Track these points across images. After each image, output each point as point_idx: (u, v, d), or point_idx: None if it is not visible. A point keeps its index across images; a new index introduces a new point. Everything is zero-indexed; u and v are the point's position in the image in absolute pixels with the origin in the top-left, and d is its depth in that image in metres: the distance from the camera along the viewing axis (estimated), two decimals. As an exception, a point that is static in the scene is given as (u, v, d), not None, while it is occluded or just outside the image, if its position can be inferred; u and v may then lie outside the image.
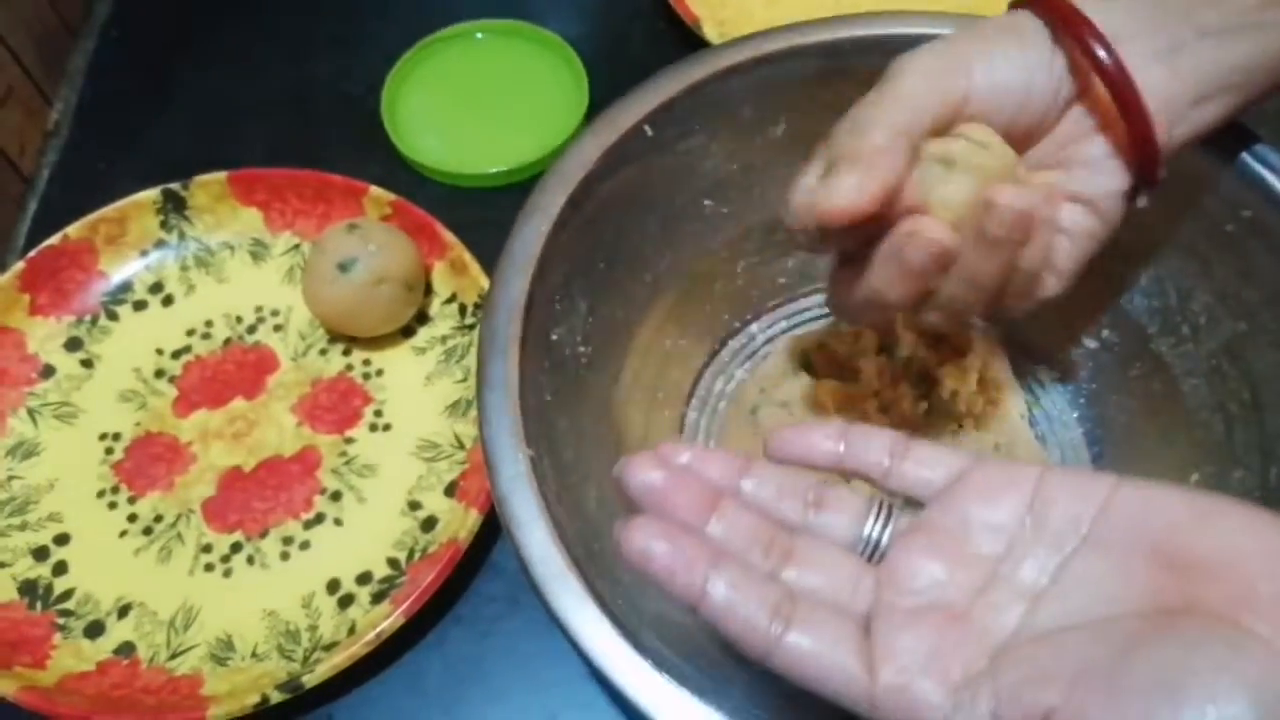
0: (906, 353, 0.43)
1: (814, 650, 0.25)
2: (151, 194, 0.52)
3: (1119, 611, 0.24)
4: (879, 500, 0.28)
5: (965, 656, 0.24)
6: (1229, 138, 0.36)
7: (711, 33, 0.58)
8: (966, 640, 0.25)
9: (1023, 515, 0.26)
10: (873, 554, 0.27)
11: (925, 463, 0.28)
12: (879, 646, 0.25)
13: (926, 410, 0.43)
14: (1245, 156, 0.37)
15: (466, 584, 0.44)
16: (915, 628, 0.25)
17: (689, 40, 0.58)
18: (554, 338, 0.38)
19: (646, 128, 0.40)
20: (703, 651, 0.35)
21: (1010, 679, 0.23)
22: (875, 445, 0.29)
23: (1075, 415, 0.45)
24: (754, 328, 0.48)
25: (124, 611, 0.44)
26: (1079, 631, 0.24)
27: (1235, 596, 0.22)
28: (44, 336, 0.50)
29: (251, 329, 0.51)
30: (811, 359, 0.45)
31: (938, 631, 0.25)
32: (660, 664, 0.30)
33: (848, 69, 0.42)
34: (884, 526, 0.28)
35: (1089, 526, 0.25)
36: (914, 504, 0.28)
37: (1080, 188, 0.33)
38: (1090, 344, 0.45)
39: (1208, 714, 0.21)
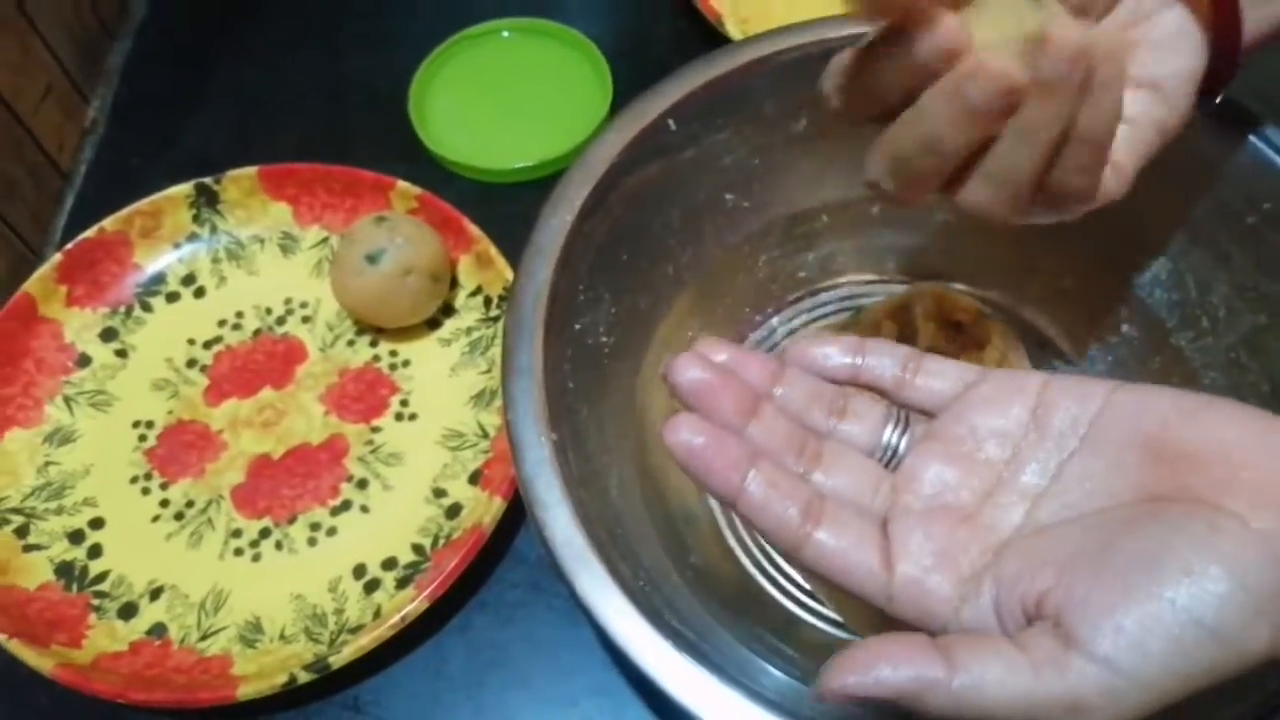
0: (925, 344, 0.43)
1: (839, 547, 0.26)
2: (184, 188, 0.53)
3: (1112, 503, 0.25)
4: (896, 410, 0.29)
5: (972, 553, 0.26)
6: (1249, 129, 0.36)
7: (733, 29, 0.58)
8: (974, 538, 0.26)
9: (1027, 421, 0.27)
10: (891, 460, 0.29)
11: (936, 375, 0.29)
12: (896, 544, 0.26)
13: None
14: (1265, 148, 0.37)
15: (490, 571, 0.45)
16: (928, 527, 0.27)
17: (711, 37, 0.59)
18: (577, 328, 0.39)
19: (670, 122, 0.40)
20: (721, 634, 0.36)
21: (1009, 569, 0.25)
22: (889, 360, 0.30)
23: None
24: (775, 321, 0.48)
25: (156, 594, 0.45)
26: (1073, 524, 0.25)
27: (1218, 482, 0.24)
28: (80, 327, 0.52)
29: (281, 320, 0.52)
30: None
31: (948, 530, 0.26)
32: (681, 645, 0.30)
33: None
34: (901, 434, 0.29)
35: (1087, 428, 0.26)
36: (928, 415, 0.29)
37: (1150, 70, 0.31)
38: (1110, 338, 0.45)
39: (1181, 585, 0.22)
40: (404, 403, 0.50)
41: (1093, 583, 0.23)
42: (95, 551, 0.46)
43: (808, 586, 0.42)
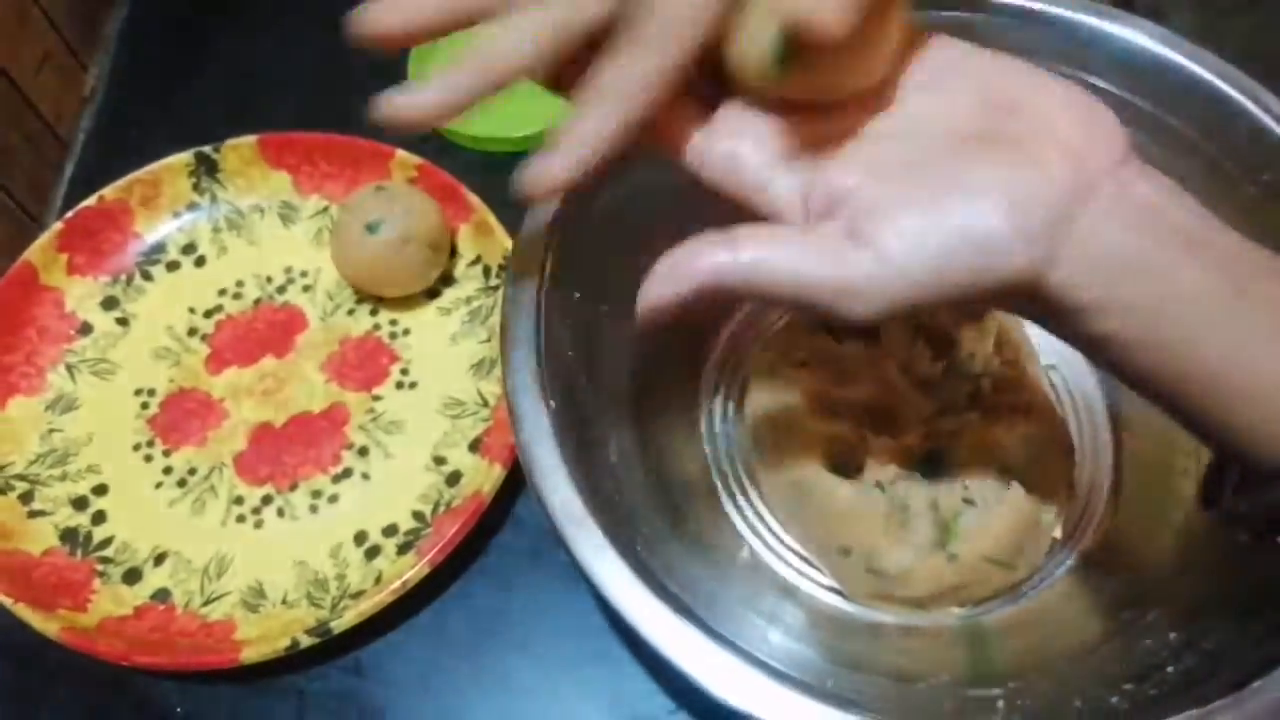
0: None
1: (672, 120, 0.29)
2: (184, 157, 0.53)
3: (937, 131, 0.27)
4: None
5: (795, 139, 0.28)
6: (1246, 100, 0.36)
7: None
8: (806, 132, 0.28)
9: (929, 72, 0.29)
10: None
11: None
12: (723, 124, 0.29)
13: (945, 370, 0.44)
14: (1264, 116, 0.37)
15: (490, 537, 0.46)
16: (766, 119, 0.28)
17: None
18: (577, 296, 0.39)
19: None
20: (719, 599, 0.36)
21: (824, 158, 0.27)
22: None
23: (1095, 378, 0.45)
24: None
25: (160, 559, 0.45)
26: (897, 140, 0.27)
27: (1035, 131, 0.26)
28: (81, 295, 0.52)
29: (281, 289, 0.52)
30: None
31: (785, 124, 0.28)
32: (679, 610, 0.31)
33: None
34: None
35: (941, 72, 0.28)
36: None
37: None
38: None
39: (965, 202, 0.25)
40: (404, 371, 0.50)
41: (891, 191, 0.26)
42: (99, 518, 0.46)
43: (806, 554, 0.42)
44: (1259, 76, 0.38)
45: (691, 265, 0.26)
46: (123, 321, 0.52)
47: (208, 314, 0.52)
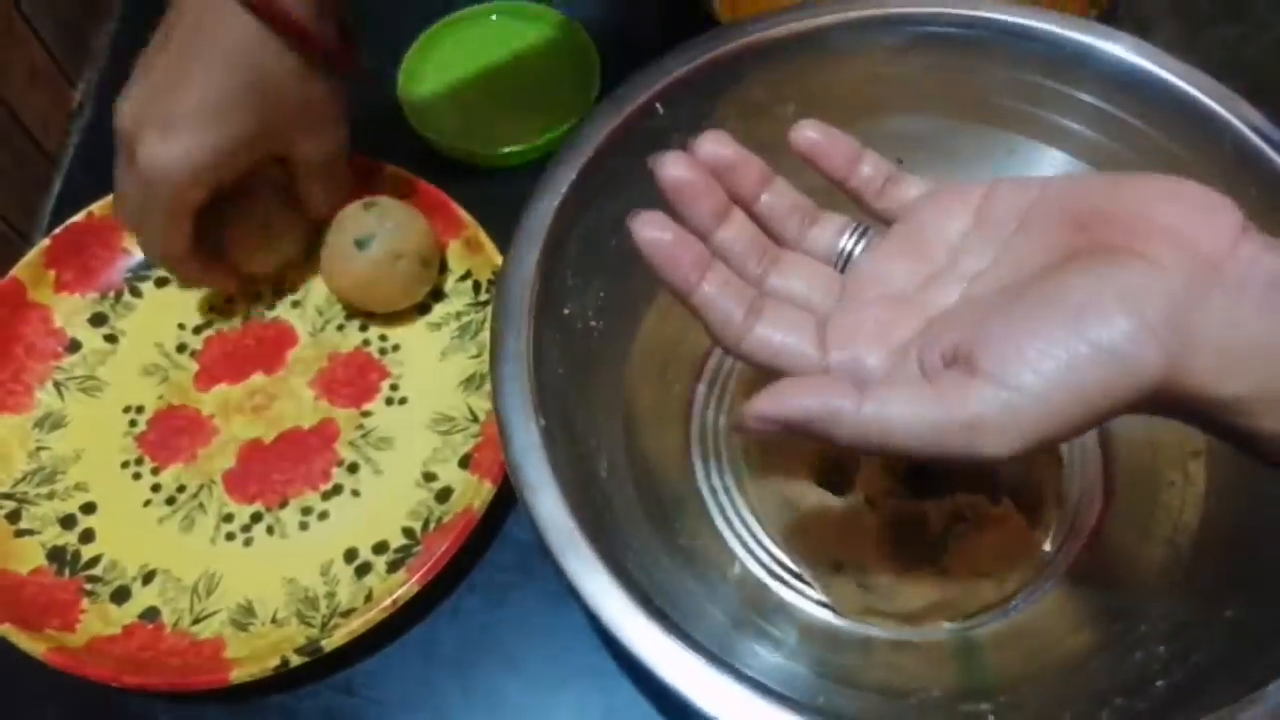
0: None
1: (774, 337, 0.28)
2: (173, 172, 0.53)
3: (1034, 265, 0.26)
4: (857, 221, 0.31)
5: (904, 328, 0.28)
6: (1230, 116, 0.36)
7: (722, 12, 0.58)
8: (909, 316, 0.28)
9: (971, 218, 0.29)
10: (845, 265, 0.31)
11: (909, 186, 0.31)
12: (831, 329, 0.28)
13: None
14: (1250, 135, 0.37)
15: (480, 554, 0.45)
16: (864, 311, 0.28)
17: (700, 20, 0.59)
18: (566, 312, 0.39)
19: (658, 106, 0.40)
20: (710, 617, 0.36)
21: (932, 332, 0.27)
22: (879, 166, 0.31)
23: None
24: (763, 305, 0.48)
25: (149, 578, 0.45)
26: (997, 291, 0.27)
27: (1132, 231, 0.25)
28: (69, 312, 0.51)
29: (271, 305, 0.52)
30: None
31: (884, 312, 0.28)
32: (669, 628, 0.31)
33: (859, 49, 0.43)
34: (858, 242, 0.31)
35: (1023, 214, 0.28)
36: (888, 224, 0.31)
37: None
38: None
39: (1081, 312, 0.23)
40: (394, 387, 0.50)
41: (1000, 321, 0.25)
42: (87, 536, 0.46)
43: (797, 570, 0.42)
44: (1243, 88, 0.39)
45: (810, 399, 0.25)
46: (111, 338, 0.51)
47: (197, 330, 0.52)
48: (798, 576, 0.42)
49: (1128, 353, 0.23)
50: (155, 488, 0.47)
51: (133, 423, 0.49)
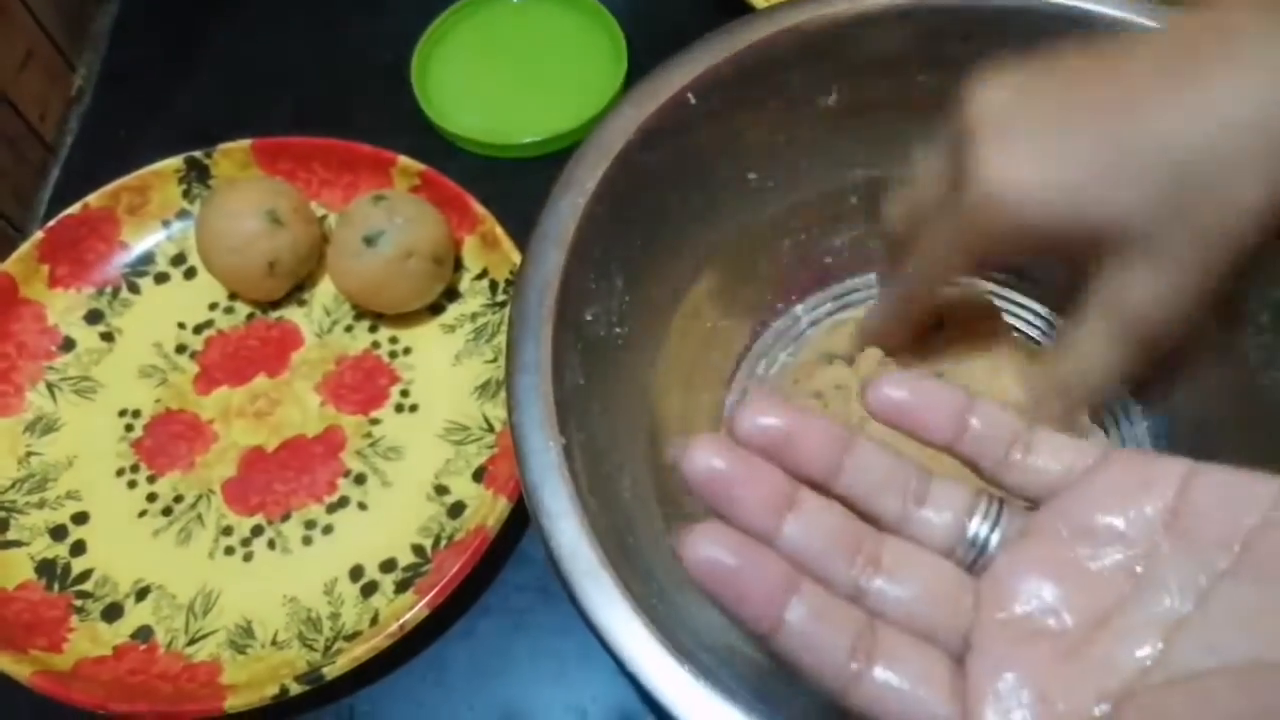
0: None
1: (897, 689, 0.21)
2: (174, 162, 0.51)
3: (1271, 647, 0.19)
4: (989, 494, 0.23)
5: (1079, 701, 0.20)
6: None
7: (757, -3, 0.55)
8: (1083, 680, 0.20)
9: (1160, 525, 0.21)
10: (976, 560, 0.23)
11: (1049, 454, 0.23)
12: (974, 683, 0.21)
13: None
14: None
15: (494, 573, 0.43)
16: (1018, 663, 0.20)
17: (734, 4, 0.56)
18: (588, 318, 0.36)
19: (689, 96, 0.38)
20: (747, 659, 0.33)
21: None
22: (1002, 428, 0.23)
23: (1139, 409, 0.43)
24: (799, 309, 0.45)
25: (142, 594, 0.42)
26: (1225, 676, 0.19)
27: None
28: (64, 308, 0.49)
29: (275, 303, 0.50)
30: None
31: (1047, 668, 0.20)
32: (700, 671, 0.28)
33: (903, 33, 0.40)
34: (993, 527, 0.23)
35: (1243, 543, 0.20)
36: (1030, 503, 0.23)
37: None
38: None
39: None
40: (404, 393, 0.47)
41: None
42: (78, 548, 0.43)
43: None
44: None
45: None
46: (107, 337, 0.49)
47: (197, 329, 0.49)
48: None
49: None
50: (151, 497, 0.45)
51: (128, 427, 0.46)
